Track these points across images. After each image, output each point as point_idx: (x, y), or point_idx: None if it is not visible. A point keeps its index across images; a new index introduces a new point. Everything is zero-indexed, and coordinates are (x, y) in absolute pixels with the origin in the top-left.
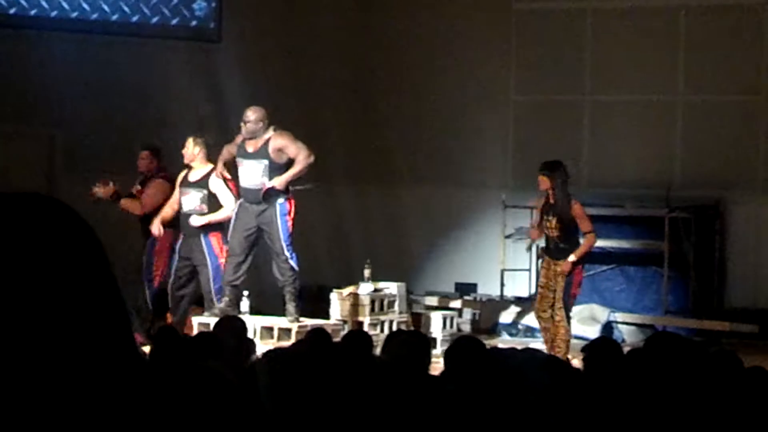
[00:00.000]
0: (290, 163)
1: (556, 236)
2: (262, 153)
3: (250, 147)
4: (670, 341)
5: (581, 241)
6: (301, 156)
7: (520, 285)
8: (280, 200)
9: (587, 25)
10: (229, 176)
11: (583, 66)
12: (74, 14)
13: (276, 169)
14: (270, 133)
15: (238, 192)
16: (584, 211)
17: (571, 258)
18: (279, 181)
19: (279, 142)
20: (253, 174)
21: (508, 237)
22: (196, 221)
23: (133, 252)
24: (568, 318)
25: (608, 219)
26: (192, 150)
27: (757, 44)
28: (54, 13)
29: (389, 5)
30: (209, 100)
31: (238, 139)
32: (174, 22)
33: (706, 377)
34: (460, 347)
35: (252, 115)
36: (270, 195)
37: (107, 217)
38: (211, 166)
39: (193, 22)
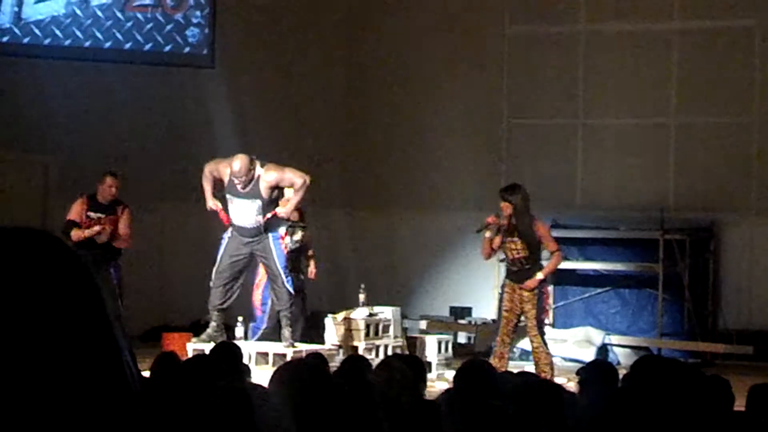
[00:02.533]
0: (280, 195)
1: (522, 257)
2: (254, 192)
3: (241, 185)
4: (656, 364)
5: (544, 264)
6: (297, 183)
7: None
8: (281, 228)
9: (580, 48)
10: (220, 206)
11: (576, 89)
12: (67, 42)
13: (268, 204)
14: (258, 170)
15: (230, 223)
16: (549, 230)
17: (539, 276)
18: (285, 211)
19: (269, 178)
20: (247, 213)
21: (502, 260)
22: None
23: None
24: (545, 341)
25: (602, 241)
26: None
27: (749, 66)
28: (47, 41)
29: (382, 31)
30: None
31: (223, 168)
32: (167, 48)
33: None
34: (470, 370)
35: (242, 167)
36: (272, 225)
37: None
38: None
39: (186, 49)
